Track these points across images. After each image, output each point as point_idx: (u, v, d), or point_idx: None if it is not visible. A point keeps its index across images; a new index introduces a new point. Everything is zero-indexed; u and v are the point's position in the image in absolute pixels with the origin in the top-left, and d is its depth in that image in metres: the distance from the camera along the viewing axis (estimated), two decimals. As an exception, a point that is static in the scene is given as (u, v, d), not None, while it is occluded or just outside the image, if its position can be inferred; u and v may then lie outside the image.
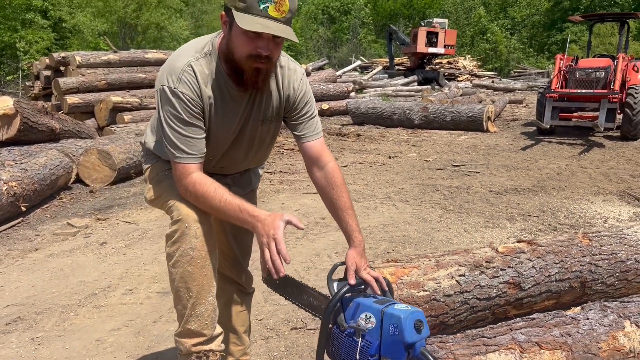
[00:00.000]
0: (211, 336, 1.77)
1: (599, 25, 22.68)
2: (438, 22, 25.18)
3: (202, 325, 1.75)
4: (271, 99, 1.85)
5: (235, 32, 1.62)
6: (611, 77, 9.48)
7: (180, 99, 1.68)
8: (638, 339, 2.15)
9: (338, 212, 1.91)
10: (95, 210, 5.19)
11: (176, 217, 1.72)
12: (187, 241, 1.69)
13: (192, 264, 1.70)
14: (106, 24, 22.39)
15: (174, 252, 1.72)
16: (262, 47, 1.62)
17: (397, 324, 1.51)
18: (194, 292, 1.72)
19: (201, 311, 1.74)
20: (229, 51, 1.68)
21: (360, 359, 1.57)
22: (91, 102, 10.29)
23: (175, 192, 1.79)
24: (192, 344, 1.75)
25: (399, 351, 1.51)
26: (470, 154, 8.33)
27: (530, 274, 2.70)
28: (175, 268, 1.73)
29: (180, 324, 1.79)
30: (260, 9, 1.57)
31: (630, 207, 5.26)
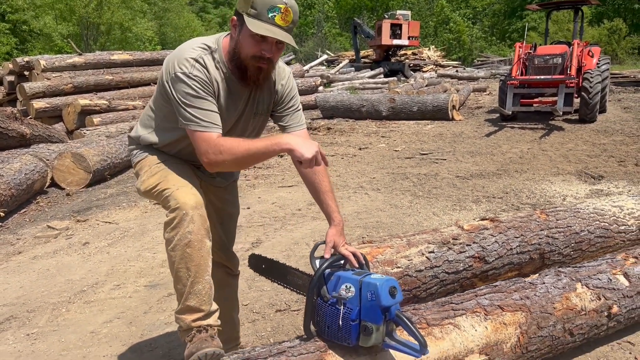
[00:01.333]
0: (208, 312, 1.94)
1: (557, 13, 23.37)
2: (401, 14, 25.56)
3: (201, 302, 1.91)
4: (263, 94, 2.07)
5: (244, 34, 1.84)
6: (568, 63, 9.90)
7: (195, 81, 1.86)
8: (588, 299, 2.40)
9: (319, 195, 2.12)
10: (74, 213, 5.26)
11: (174, 205, 1.87)
12: (185, 226, 1.85)
13: (190, 246, 1.87)
14: (68, 26, 22.00)
15: (172, 237, 1.88)
16: (266, 49, 1.85)
17: (373, 290, 1.72)
18: (192, 272, 1.89)
19: (199, 289, 1.90)
20: (236, 51, 1.89)
21: (343, 325, 1.76)
22: (58, 106, 10.22)
23: (170, 182, 1.94)
24: (192, 319, 1.92)
25: (376, 315, 1.71)
26: (437, 142, 8.62)
27: (494, 248, 2.94)
28: (174, 251, 1.89)
29: (179, 302, 1.95)
30: (268, 17, 1.80)
31: (587, 185, 5.60)
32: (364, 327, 1.73)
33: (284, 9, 1.83)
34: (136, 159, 2.14)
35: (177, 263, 1.90)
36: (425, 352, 1.70)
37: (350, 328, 1.75)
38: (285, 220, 4.68)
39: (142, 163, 2.10)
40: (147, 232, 4.54)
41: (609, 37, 34.12)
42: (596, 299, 2.42)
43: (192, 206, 1.87)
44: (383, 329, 1.74)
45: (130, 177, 6.90)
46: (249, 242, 4.15)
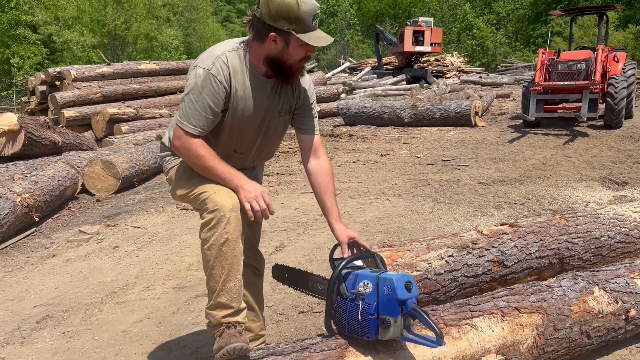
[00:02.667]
0: (238, 309, 2.05)
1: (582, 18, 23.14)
2: (424, 21, 25.56)
3: (231, 299, 2.02)
4: (287, 94, 2.23)
5: (294, 46, 2.01)
6: (592, 69, 9.81)
7: (208, 79, 2.00)
8: (606, 302, 2.44)
9: (324, 194, 2.30)
10: (104, 218, 5.44)
11: (212, 207, 1.98)
12: (222, 227, 1.97)
13: (226, 245, 1.98)
14: (95, 38, 22.59)
15: (209, 237, 1.99)
16: (311, 50, 2.05)
17: (390, 285, 1.82)
18: (226, 270, 2.00)
19: (230, 286, 2.02)
20: (281, 59, 2.05)
21: (362, 319, 1.86)
22: (88, 115, 10.51)
23: (207, 187, 2.06)
24: (222, 315, 2.03)
25: (394, 308, 1.81)
26: (459, 148, 8.64)
27: (513, 252, 2.99)
28: (210, 250, 2.00)
29: (211, 298, 2.06)
30: (313, 25, 2.00)
31: (611, 192, 5.57)
32: (382, 320, 1.83)
33: (319, 12, 2.04)
34: (170, 165, 2.26)
35: (212, 261, 2.01)
36: (442, 342, 1.78)
37: (369, 322, 1.84)
38: (307, 225, 4.78)
39: (177, 168, 2.22)
40: (174, 236, 4.68)
41: (635, 42, 33.53)
42: (613, 302, 2.45)
43: (229, 208, 1.98)
44: (400, 322, 1.84)
45: (158, 183, 7.09)
46: (272, 246, 4.26)
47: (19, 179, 5.52)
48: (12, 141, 6.79)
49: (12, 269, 4.17)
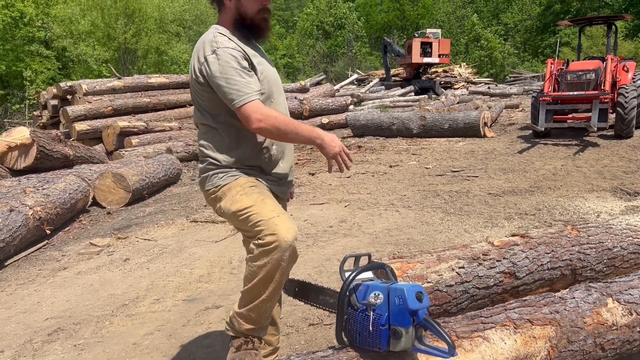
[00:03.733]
0: (263, 326, 2.07)
1: (591, 28, 23.07)
2: (431, 33, 25.67)
3: (263, 318, 2.06)
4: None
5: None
6: (602, 78, 9.78)
7: (223, 54, 2.01)
8: (620, 314, 2.41)
9: None
10: (115, 230, 5.47)
11: (273, 230, 1.95)
12: (282, 253, 1.95)
13: (279, 271, 1.99)
14: (108, 52, 22.87)
15: (265, 260, 1.96)
16: (266, 1, 2.13)
17: (400, 295, 1.82)
18: (269, 292, 2.02)
19: (267, 307, 2.05)
20: (241, 14, 2.12)
21: (373, 330, 1.85)
22: (99, 128, 10.62)
23: (269, 208, 2.02)
24: (247, 328, 2.05)
25: (405, 318, 1.80)
26: (469, 159, 8.61)
27: (524, 263, 2.97)
28: (262, 269, 1.98)
29: (244, 306, 2.06)
30: None
31: (622, 202, 5.53)
32: (393, 331, 1.82)
33: None
34: (222, 182, 2.15)
35: (259, 280, 2.01)
36: (454, 353, 1.77)
37: (381, 333, 1.84)
38: (317, 237, 4.77)
39: (231, 185, 2.13)
40: (184, 248, 4.70)
41: (645, 51, 33.37)
42: (628, 314, 2.42)
43: (293, 237, 1.98)
44: (412, 332, 1.83)
45: (168, 195, 7.13)
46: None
47: (31, 192, 5.57)
48: (25, 155, 6.88)
49: (24, 281, 4.20)
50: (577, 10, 41.55)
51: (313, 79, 21.12)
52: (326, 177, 7.63)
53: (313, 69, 41.44)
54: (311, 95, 14.55)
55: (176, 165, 8.30)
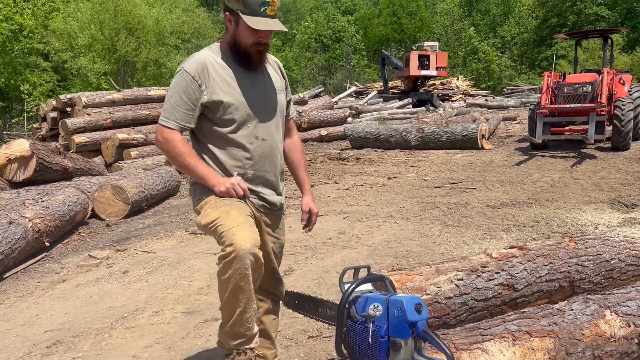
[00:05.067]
0: (251, 336, 2.09)
1: (587, 41, 23.26)
2: (429, 45, 25.86)
3: (246, 328, 2.07)
4: (273, 72, 2.41)
5: (242, 27, 2.15)
6: (598, 91, 9.86)
7: (182, 77, 2.18)
8: (618, 326, 2.42)
9: (297, 169, 2.57)
10: (114, 242, 5.48)
11: (230, 240, 2.01)
12: (242, 262, 1.99)
13: (244, 280, 2.01)
14: (107, 65, 22.98)
15: (227, 270, 2.01)
16: (263, 36, 2.19)
17: (400, 307, 1.83)
18: (243, 302, 2.04)
19: (247, 317, 2.06)
20: (236, 41, 2.20)
21: (372, 342, 1.86)
22: (98, 141, 10.64)
23: (231, 219, 2.08)
24: (235, 343, 2.07)
25: (404, 330, 1.82)
26: (467, 171, 8.65)
27: (522, 275, 2.98)
28: (228, 282, 2.02)
29: (225, 324, 2.09)
30: (261, 11, 2.13)
31: (620, 214, 5.55)
32: (392, 342, 1.83)
33: (272, 1, 2.14)
34: (200, 197, 2.26)
35: (230, 293, 2.04)
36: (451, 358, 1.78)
37: (380, 345, 1.85)
38: (315, 249, 4.78)
39: (206, 200, 2.22)
40: (183, 260, 4.70)
41: (641, 64, 33.64)
42: (626, 326, 2.43)
43: (251, 244, 2.02)
44: (411, 344, 1.84)
45: (167, 208, 7.15)
46: (281, 270, 4.25)
47: (30, 205, 5.58)
48: (24, 167, 6.89)
49: (23, 294, 4.20)
50: (573, 23, 41.90)
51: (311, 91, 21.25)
52: (324, 189, 7.65)
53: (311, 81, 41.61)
54: (310, 108, 14.62)
55: (175, 178, 8.31)
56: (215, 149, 2.27)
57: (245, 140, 2.25)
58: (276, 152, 2.38)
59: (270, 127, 2.33)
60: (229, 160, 2.27)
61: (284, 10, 57.04)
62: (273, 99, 2.35)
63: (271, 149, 2.33)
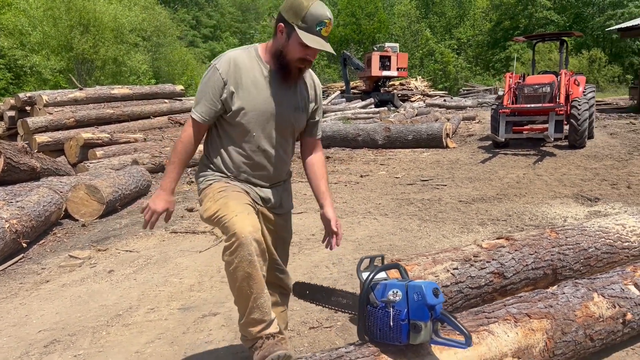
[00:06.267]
0: (270, 320, 2.15)
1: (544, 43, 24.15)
2: (390, 47, 26.24)
3: (263, 313, 2.12)
4: (303, 92, 2.40)
5: (294, 41, 2.18)
6: (556, 92, 10.33)
7: (212, 72, 2.26)
8: (605, 307, 2.62)
9: (320, 180, 2.54)
10: (93, 242, 5.40)
11: (232, 230, 2.09)
12: (245, 249, 2.06)
13: (252, 266, 2.08)
14: (62, 62, 22.30)
15: (233, 259, 2.09)
16: (311, 54, 2.22)
17: (419, 292, 1.96)
18: (254, 289, 2.10)
19: (261, 302, 2.11)
20: (282, 52, 2.23)
21: (393, 325, 1.98)
22: (60, 140, 10.36)
23: (230, 209, 2.16)
24: (257, 330, 2.12)
25: (424, 313, 1.94)
26: (435, 169, 8.90)
27: (511, 264, 3.17)
28: (237, 272, 2.09)
29: (243, 316, 2.15)
30: (316, 30, 2.16)
31: (585, 207, 5.87)
32: (413, 325, 1.95)
33: (329, 22, 2.18)
34: (201, 186, 2.38)
35: (240, 282, 2.10)
36: (471, 343, 1.93)
37: (401, 327, 1.96)
38: (301, 245, 4.86)
39: (206, 191, 2.33)
40: (169, 259, 4.70)
41: (589, 66, 35.19)
42: (612, 307, 2.64)
43: (250, 231, 2.09)
44: (430, 326, 1.96)
45: (141, 207, 7.06)
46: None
47: (4, 205, 5.43)
48: (-9, 167, 6.67)
49: (7, 295, 4.11)
50: (525, 26, 43.38)
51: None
52: (299, 187, 7.73)
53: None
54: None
55: (146, 177, 8.21)
56: (222, 144, 2.34)
57: (247, 146, 2.31)
58: (277, 164, 2.41)
59: (277, 141, 2.36)
60: (228, 159, 2.34)
61: (243, 9, 56.75)
62: (292, 116, 2.36)
63: (270, 161, 2.37)
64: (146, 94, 13.26)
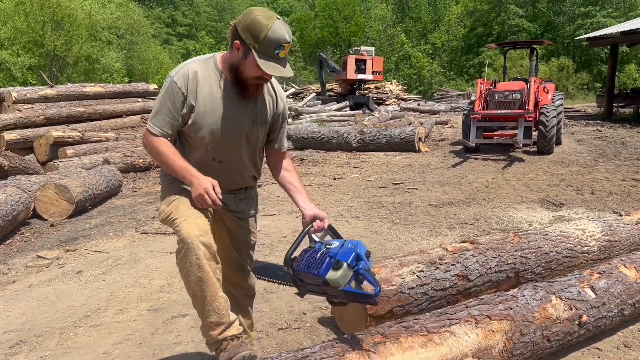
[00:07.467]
0: (229, 322, 2.18)
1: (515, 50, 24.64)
2: (365, 50, 26.45)
3: (220, 316, 2.16)
4: (265, 103, 2.38)
5: (250, 62, 2.14)
6: (525, 99, 10.58)
7: (170, 85, 2.22)
8: (562, 309, 2.72)
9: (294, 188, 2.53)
10: (62, 242, 5.34)
11: (180, 235, 2.13)
12: (193, 253, 2.09)
13: (201, 270, 2.11)
14: (33, 59, 21.85)
15: (184, 264, 2.12)
16: (267, 75, 2.18)
17: (355, 244, 2.11)
18: (208, 292, 2.13)
19: (216, 305, 2.15)
20: (238, 69, 2.19)
21: (319, 258, 2.07)
22: (30, 138, 10.18)
23: (180, 213, 2.18)
24: (217, 333, 2.15)
25: (350, 256, 2.05)
26: (407, 172, 9.03)
27: (475, 267, 3.26)
28: (188, 277, 2.13)
29: (202, 319, 2.18)
30: (274, 54, 2.12)
31: (550, 212, 6.04)
32: (336, 262, 2.03)
33: (287, 45, 2.14)
34: (161, 187, 2.42)
35: (193, 286, 2.14)
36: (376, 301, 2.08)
37: (325, 261, 2.05)
38: (272, 247, 4.90)
39: (163, 194, 2.37)
40: (139, 260, 4.68)
41: (558, 74, 36.03)
42: (568, 309, 2.74)
43: (196, 235, 2.11)
44: (349, 273, 2.05)
45: (112, 207, 7.01)
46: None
47: (-30, 204, 5.33)
48: (-44, 165, 6.53)
49: (-29, 296, 4.04)
50: (498, 33, 44.17)
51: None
52: (272, 188, 7.76)
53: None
54: (250, 108, 14.64)
55: (117, 177, 8.14)
56: (182, 149, 2.34)
57: (202, 157, 2.32)
58: (233, 175, 2.42)
59: (233, 154, 2.36)
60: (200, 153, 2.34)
61: (219, 9, 56.41)
62: (248, 130, 2.34)
63: (226, 172, 2.38)
64: (119, 92, 13.11)
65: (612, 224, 4.00)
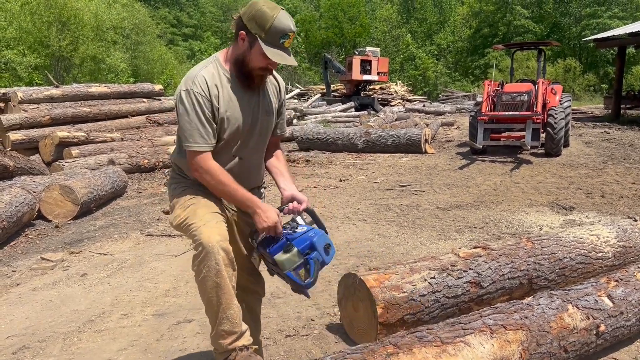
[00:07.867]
0: (241, 332, 2.12)
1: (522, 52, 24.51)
2: (371, 51, 26.38)
3: (233, 325, 2.10)
4: (271, 93, 2.40)
5: (256, 52, 2.15)
6: (533, 100, 10.48)
7: (192, 97, 2.13)
8: (579, 318, 2.65)
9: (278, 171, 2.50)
10: (67, 244, 5.29)
11: (199, 240, 2.07)
12: (213, 258, 2.04)
13: (219, 276, 2.06)
14: (39, 59, 21.87)
15: (201, 269, 2.06)
16: (272, 64, 2.20)
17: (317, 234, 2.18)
18: (223, 299, 2.08)
19: (231, 314, 2.09)
20: (244, 61, 2.19)
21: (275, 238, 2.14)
22: (35, 138, 10.15)
23: (198, 217, 2.13)
24: (228, 342, 2.09)
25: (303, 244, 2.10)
26: (414, 174, 8.95)
27: (488, 274, 3.19)
28: (205, 282, 2.07)
29: (213, 327, 2.12)
30: (279, 43, 2.14)
31: (560, 216, 5.95)
32: (288, 245, 2.07)
33: (292, 34, 2.17)
34: (173, 193, 2.33)
35: (209, 292, 2.08)
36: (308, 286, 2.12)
37: (280, 241, 2.11)
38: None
39: (177, 198, 2.29)
40: (144, 263, 4.62)
41: (564, 75, 35.86)
42: (585, 319, 2.67)
43: (217, 240, 2.07)
44: (298, 259, 2.09)
45: (117, 209, 6.96)
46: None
47: (-26, 205, 5.29)
48: (-39, 165, 6.50)
49: (-26, 299, 3.99)
50: (504, 34, 44.00)
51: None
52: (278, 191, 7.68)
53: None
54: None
55: (122, 178, 8.09)
56: None
57: (225, 156, 2.27)
58: (251, 171, 2.40)
59: (252, 148, 2.35)
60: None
61: (225, 9, 56.45)
62: (262, 121, 2.35)
63: (245, 168, 2.36)
64: (124, 92, 13.07)
65: (626, 229, 3.91)
